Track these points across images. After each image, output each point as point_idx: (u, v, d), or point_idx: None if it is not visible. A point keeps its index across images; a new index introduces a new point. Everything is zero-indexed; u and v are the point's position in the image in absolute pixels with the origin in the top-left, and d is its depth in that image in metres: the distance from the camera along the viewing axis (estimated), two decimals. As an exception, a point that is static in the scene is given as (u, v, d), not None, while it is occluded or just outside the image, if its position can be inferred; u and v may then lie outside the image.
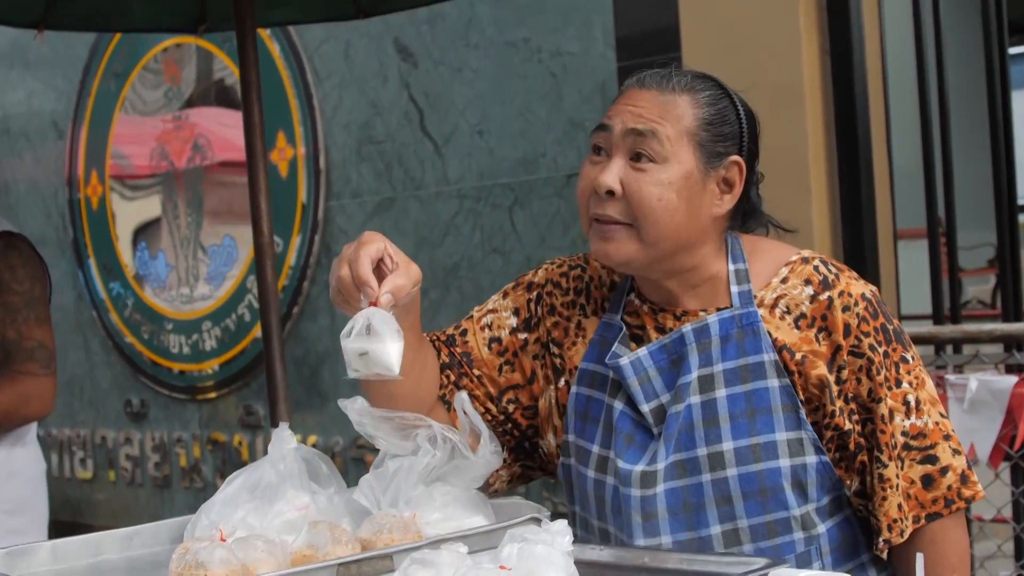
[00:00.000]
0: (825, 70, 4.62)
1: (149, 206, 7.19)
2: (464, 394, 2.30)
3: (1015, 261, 4.48)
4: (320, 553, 1.90)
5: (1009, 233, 4.42)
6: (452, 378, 2.53)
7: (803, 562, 2.32)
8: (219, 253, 6.83)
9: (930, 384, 2.43)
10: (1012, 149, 4.45)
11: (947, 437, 2.39)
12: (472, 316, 2.60)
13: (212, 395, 6.90)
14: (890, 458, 2.34)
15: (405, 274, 2.23)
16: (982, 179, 4.78)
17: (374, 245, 2.22)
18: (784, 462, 2.31)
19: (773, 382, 2.33)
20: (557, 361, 2.51)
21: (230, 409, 6.82)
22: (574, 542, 1.88)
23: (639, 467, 2.33)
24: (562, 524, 1.81)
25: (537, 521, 2.06)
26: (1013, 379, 3.87)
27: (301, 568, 1.83)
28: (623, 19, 5.26)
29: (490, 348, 2.55)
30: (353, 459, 6.23)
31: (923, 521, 2.36)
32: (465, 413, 2.28)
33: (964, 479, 2.38)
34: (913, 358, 2.41)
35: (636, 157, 2.33)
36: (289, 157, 6.43)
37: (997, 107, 4.41)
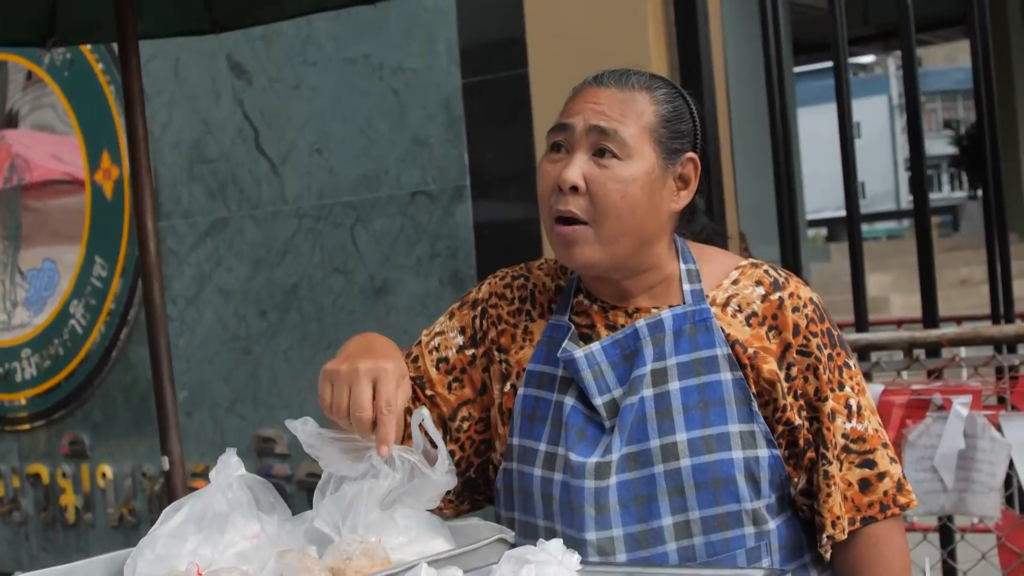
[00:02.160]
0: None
1: (-38, 229, 6.93)
2: (424, 409, 2.24)
3: (798, 273, 4.55)
4: (293, 583, 1.81)
5: (792, 249, 4.48)
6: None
7: (753, 558, 2.34)
8: (38, 277, 6.59)
9: (870, 394, 2.48)
10: (792, 164, 4.52)
11: (885, 445, 2.44)
12: (420, 341, 2.59)
13: (28, 426, 6.65)
14: (834, 456, 2.37)
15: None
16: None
17: (406, 392, 2.24)
18: (737, 453, 2.32)
19: (726, 375, 2.36)
20: (503, 367, 2.50)
21: (52, 439, 6.58)
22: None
23: (593, 459, 2.33)
24: (558, 543, 1.75)
25: (504, 542, 2.00)
26: (879, 387, 3.91)
27: (286, 600, 1.74)
28: (468, 34, 5.21)
29: (438, 368, 2.54)
30: (189, 489, 6.06)
31: (858, 524, 2.39)
32: (422, 429, 2.23)
33: (900, 487, 2.42)
34: (854, 365, 2.45)
35: (599, 153, 2.34)
36: (115, 177, 6.24)
37: (778, 124, 4.48)
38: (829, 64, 4.43)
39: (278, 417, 5.76)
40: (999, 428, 3.73)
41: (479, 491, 2.57)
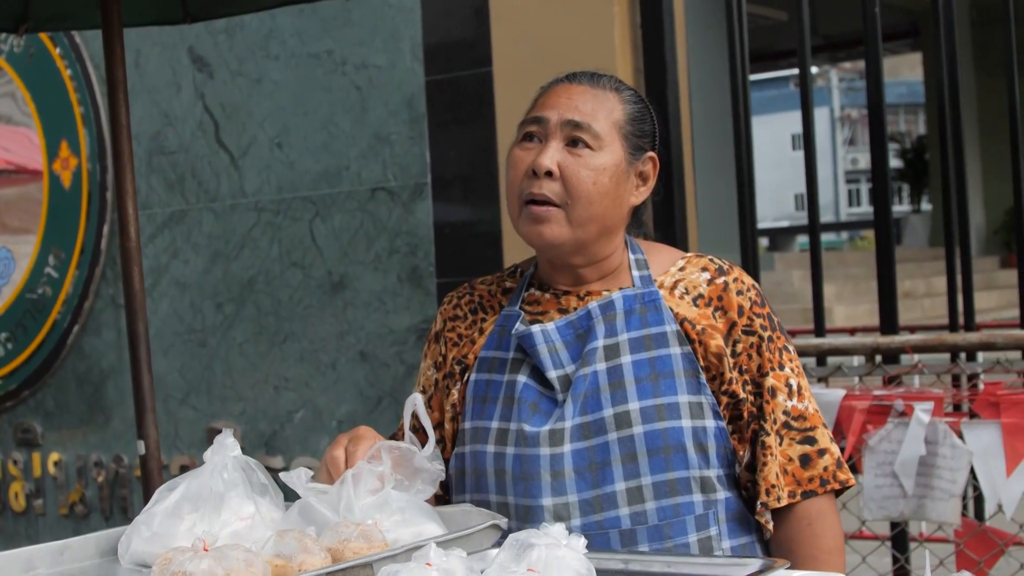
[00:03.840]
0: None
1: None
2: (417, 396, 2.33)
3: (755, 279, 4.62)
4: (293, 563, 1.83)
5: (753, 256, 4.54)
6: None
7: (701, 524, 2.45)
8: (-7, 266, 6.56)
9: (804, 376, 2.63)
10: (753, 172, 4.58)
11: (824, 425, 2.59)
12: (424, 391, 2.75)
13: (-21, 414, 6.62)
14: (772, 428, 2.50)
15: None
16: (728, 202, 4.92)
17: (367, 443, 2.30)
18: (686, 423, 2.45)
19: (676, 349, 2.49)
20: (459, 368, 2.64)
21: (3, 427, 6.55)
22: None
23: (546, 427, 2.44)
24: (560, 527, 1.78)
25: (497, 528, 2.03)
26: (841, 392, 3.96)
27: (291, 578, 1.76)
28: (432, 32, 5.23)
29: (431, 406, 2.68)
30: (137, 478, 6.05)
31: (799, 497, 2.51)
32: (415, 417, 2.31)
33: (839, 464, 2.56)
34: (793, 351, 2.61)
35: (573, 143, 2.50)
36: (73, 167, 6.22)
37: (741, 132, 4.55)
38: (771, 75, 4.50)
39: (232, 410, 5.76)
40: (960, 435, 3.79)
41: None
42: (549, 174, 2.48)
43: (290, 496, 2.21)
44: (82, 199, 6.18)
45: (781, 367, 2.54)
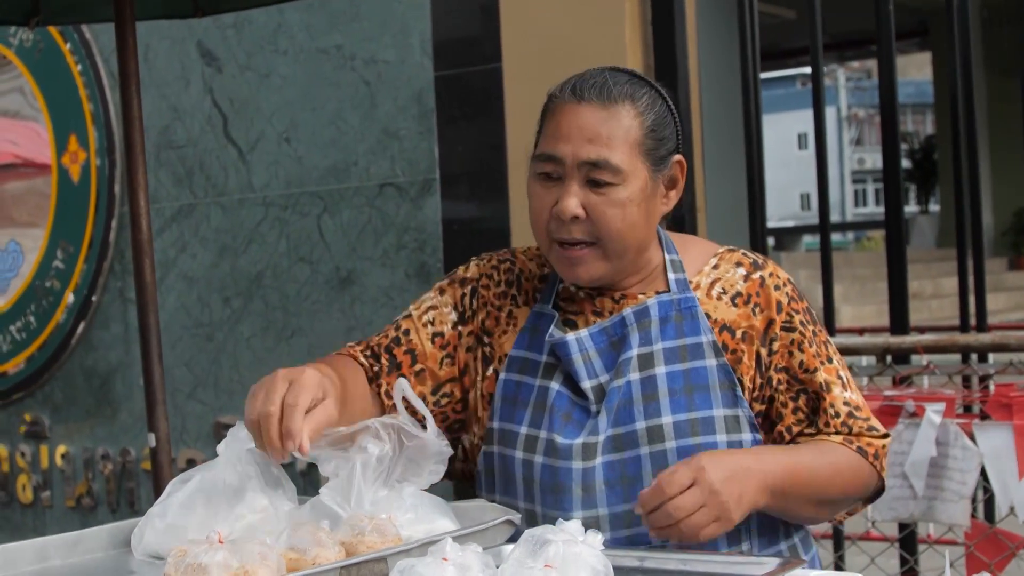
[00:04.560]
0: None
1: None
2: (403, 380, 2.29)
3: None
4: (308, 556, 1.83)
5: (762, 253, 4.54)
6: (380, 386, 2.55)
7: (733, 540, 2.42)
8: (3, 259, 6.55)
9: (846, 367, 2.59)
10: (763, 171, 4.58)
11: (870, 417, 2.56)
12: (411, 315, 2.61)
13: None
14: (834, 423, 2.46)
15: (324, 411, 2.10)
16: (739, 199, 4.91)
17: (308, 394, 2.08)
18: (721, 437, 2.40)
19: (711, 361, 2.43)
20: (487, 350, 2.56)
21: (11, 420, 6.55)
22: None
23: (579, 440, 2.39)
24: (576, 524, 1.78)
25: (511, 523, 2.03)
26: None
27: (306, 572, 1.76)
28: (441, 27, 5.22)
29: (433, 342, 2.57)
30: (144, 471, 6.05)
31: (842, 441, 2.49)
32: (405, 399, 2.26)
33: (881, 452, 2.53)
34: (833, 345, 2.57)
35: (593, 183, 2.38)
36: (82, 161, 6.22)
37: (752, 130, 4.54)
38: (778, 74, 4.50)
39: (239, 404, 5.73)
40: (972, 437, 3.77)
41: None
42: (576, 218, 2.38)
43: (303, 490, 2.20)
44: (91, 193, 6.18)
45: (829, 360, 2.50)
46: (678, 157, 2.50)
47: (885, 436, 2.51)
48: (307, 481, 5.41)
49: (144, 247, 3.42)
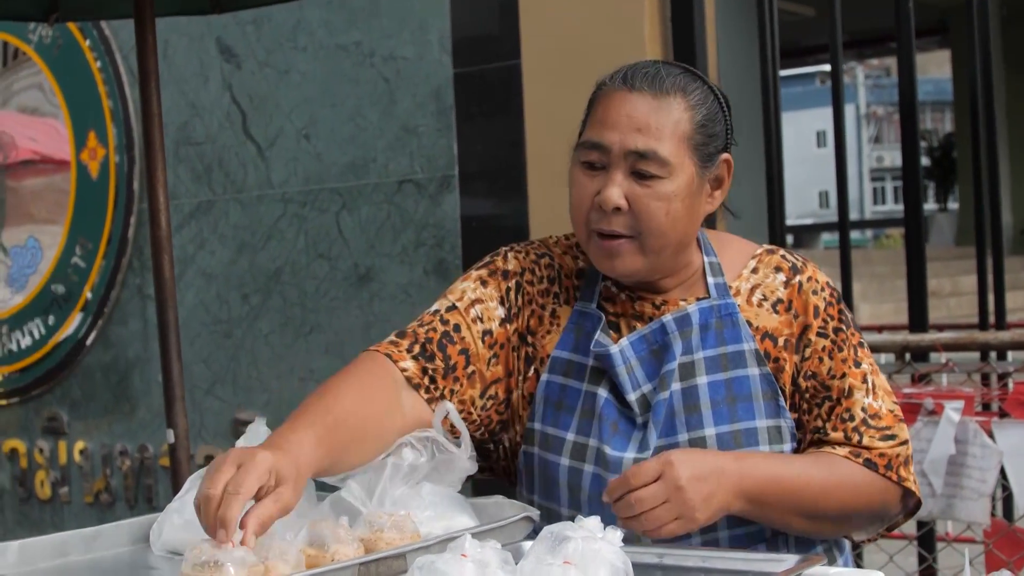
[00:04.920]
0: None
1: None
2: (449, 405, 2.23)
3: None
4: (327, 552, 1.83)
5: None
6: (437, 390, 2.39)
7: (772, 550, 2.36)
8: (22, 255, 6.57)
9: (880, 374, 2.49)
10: (783, 169, 4.57)
11: (902, 422, 2.44)
12: (455, 307, 2.47)
13: (5, 402, 6.64)
14: (834, 428, 2.38)
15: (274, 501, 1.90)
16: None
17: (253, 480, 1.88)
18: (763, 448, 2.34)
19: (753, 370, 2.38)
20: (529, 351, 2.48)
21: (30, 415, 6.57)
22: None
23: (630, 454, 2.34)
24: (595, 520, 1.77)
25: (530, 520, 2.02)
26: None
27: (325, 568, 1.76)
28: (460, 24, 5.22)
29: (483, 341, 2.46)
30: (162, 467, 6.06)
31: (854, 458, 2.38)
32: (445, 422, 2.22)
33: (907, 463, 2.42)
34: (867, 347, 2.48)
35: (639, 173, 2.32)
36: (100, 157, 6.23)
37: (771, 128, 4.53)
38: (796, 71, 4.50)
39: (257, 401, 5.76)
40: (991, 435, 3.76)
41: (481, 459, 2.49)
42: (618, 209, 2.32)
43: (321, 486, 2.20)
44: (109, 189, 6.19)
45: (858, 364, 2.41)
46: (726, 156, 2.44)
47: (904, 443, 2.41)
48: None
49: (163, 243, 3.43)
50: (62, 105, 6.37)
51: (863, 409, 2.39)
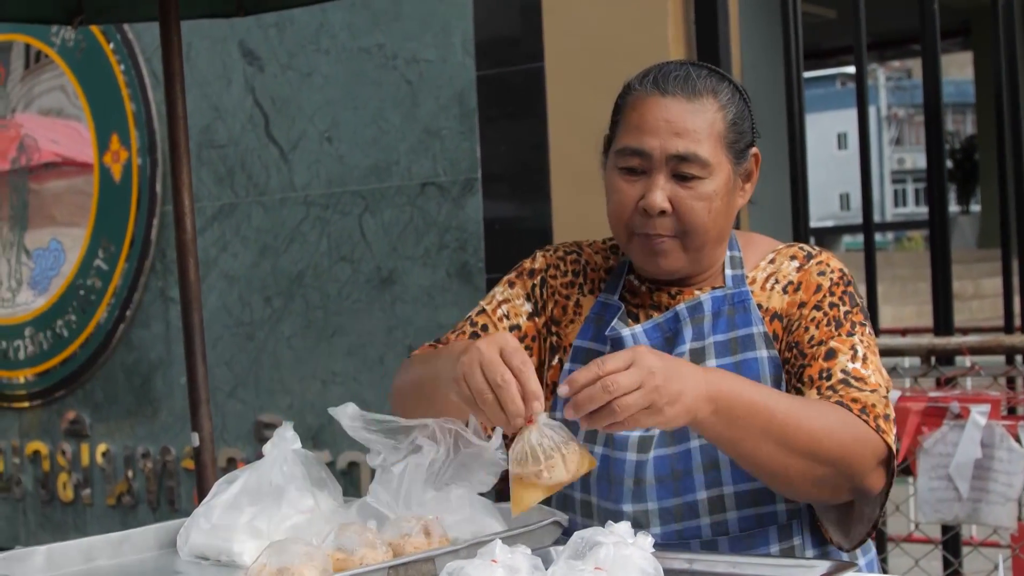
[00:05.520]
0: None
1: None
2: None
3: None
4: (355, 556, 1.82)
5: None
6: None
7: (784, 535, 2.38)
8: (45, 257, 6.59)
9: (878, 357, 2.43)
10: (807, 170, 4.55)
11: (885, 396, 2.35)
12: (484, 310, 2.59)
13: (28, 404, 6.66)
14: (810, 382, 2.33)
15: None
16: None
17: (521, 348, 2.10)
18: None
19: (762, 352, 2.41)
20: (554, 340, 2.55)
21: (52, 418, 6.58)
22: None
23: (636, 432, 2.36)
24: (626, 525, 1.77)
25: (558, 524, 2.02)
26: (896, 393, 3.92)
27: (354, 571, 1.76)
28: (484, 27, 5.22)
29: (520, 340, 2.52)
30: (185, 470, 6.07)
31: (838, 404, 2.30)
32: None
33: (887, 418, 2.32)
34: (870, 331, 2.44)
35: (680, 176, 2.37)
36: (123, 160, 6.24)
37: (796, 130, 4.52)
38: (817, 73, 4.48)
39: (279, 403, 5.77)
40: (1017, 439, 3.74)
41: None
42: (663, 212, 2.36)
43: (345, 490, 2.20)
44: (132, 192, 6.20)
45: (850, 334, 2.37)
46: (755, 150, 2.49)
47: (884, 399, 2.32)
48: (348, 481, 5.41)
49: (188, 246, 3.43)
50: (85, 108, 6.38)
51: (844, 371, 2.33)
